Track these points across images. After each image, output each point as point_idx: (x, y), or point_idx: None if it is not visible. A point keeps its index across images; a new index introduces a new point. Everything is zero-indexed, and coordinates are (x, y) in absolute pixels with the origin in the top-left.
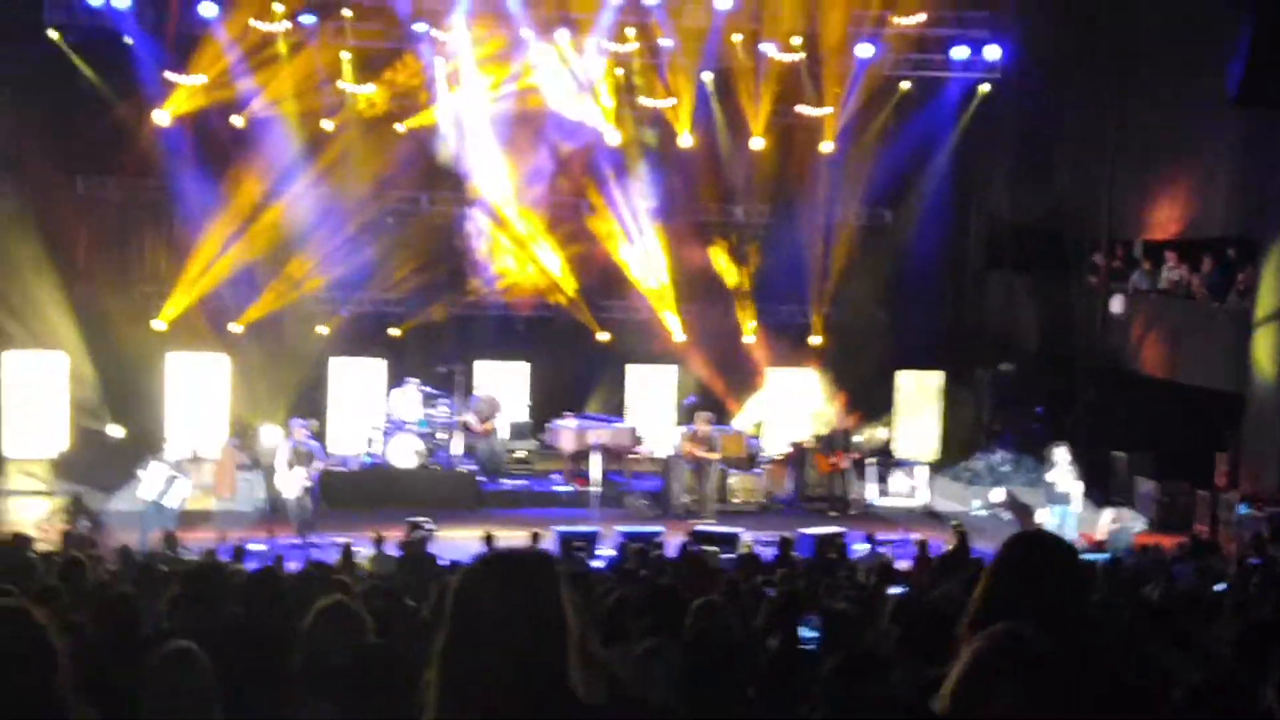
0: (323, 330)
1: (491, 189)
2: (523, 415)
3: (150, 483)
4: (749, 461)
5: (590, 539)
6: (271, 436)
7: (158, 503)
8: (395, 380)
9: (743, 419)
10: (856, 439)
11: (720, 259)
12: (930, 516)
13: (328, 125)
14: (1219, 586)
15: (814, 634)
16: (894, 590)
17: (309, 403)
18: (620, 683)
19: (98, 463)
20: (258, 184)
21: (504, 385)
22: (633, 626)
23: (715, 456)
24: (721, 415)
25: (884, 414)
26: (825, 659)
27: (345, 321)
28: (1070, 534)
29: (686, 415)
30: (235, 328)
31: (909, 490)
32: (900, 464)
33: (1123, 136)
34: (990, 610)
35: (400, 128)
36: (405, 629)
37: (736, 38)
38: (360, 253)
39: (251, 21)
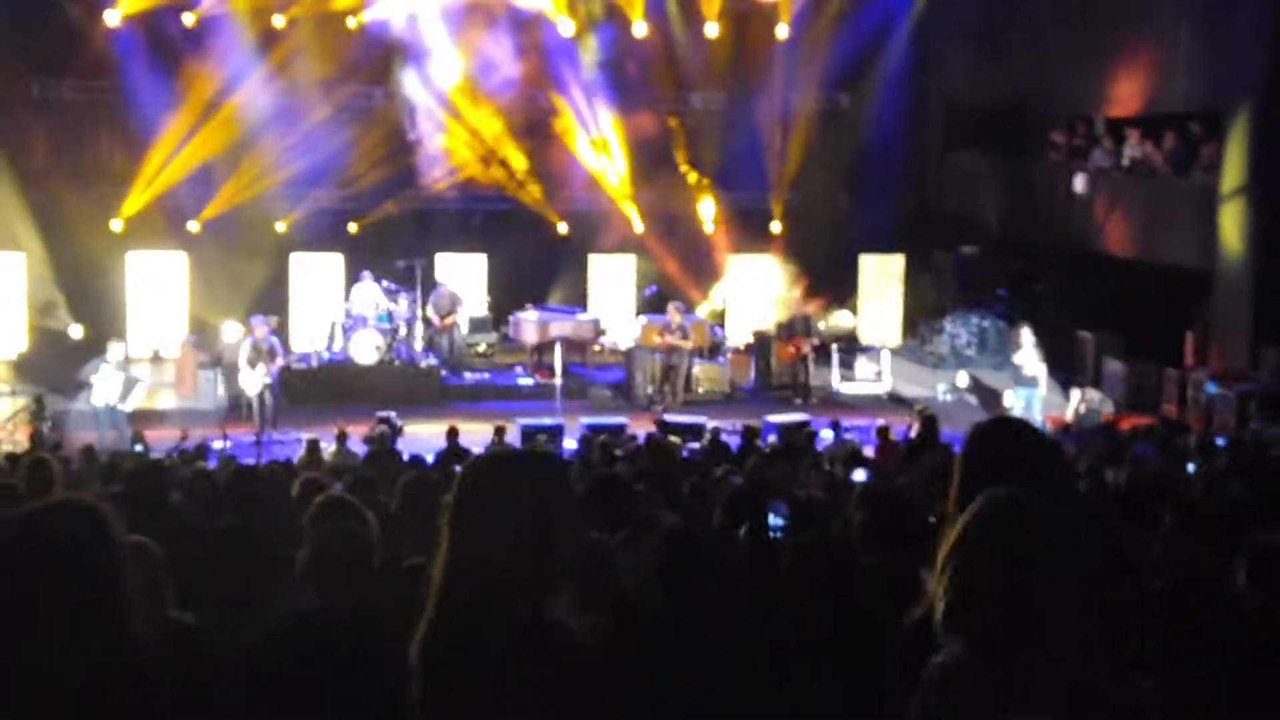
0: (281, 227)
1: (446, 82)
2: (483, 309)
3: (103, 387)
4: (712, 351)
5: (555, 432)
6: (232, 334)
7: (111, 406)
8: (354, 275)
9: (704, 308)
10: (819, 325)
11: (679, 148)
12: (895, 401)
13: (279, 21)
14: (1189, 468)
15: (782, 522)
16: (860, 477)
17: (269, 299)
18: (612, 566)
19: (57, 363)
20: (211, 82)
21: (464, 279)
22: (599, 517)
23: (688, 345)
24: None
25: (846, 299)
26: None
27: (303, 217)
28: (1037, 417)
29: (648, 305)
30: (193, 226)
31: (873, 375)
32: (864, 349)
33: (1083, 10)
34: (969, 498)
35: (352, 22)
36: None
37: None
38: (316, 149)
39: None
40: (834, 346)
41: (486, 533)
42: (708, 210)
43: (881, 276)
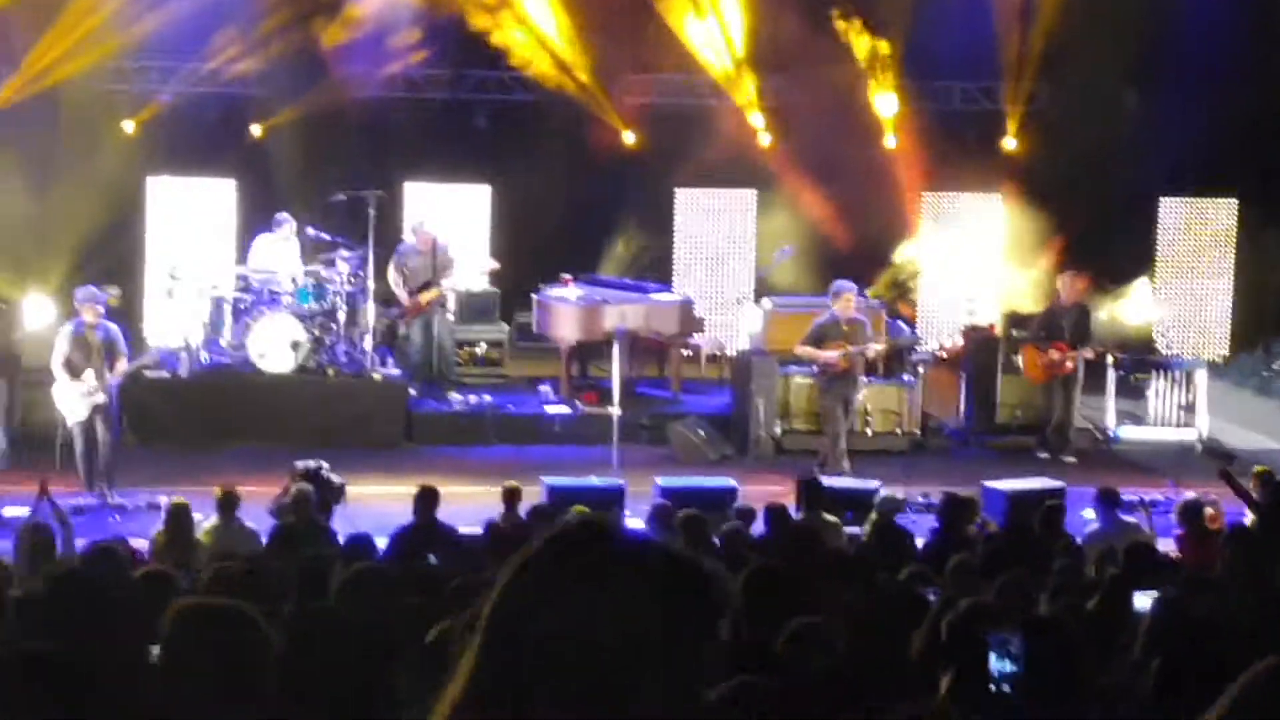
0: (129, 127)
1: None
2: (484, 281)
3: None
4: (892, 362)
5: (609, 500)
6: (39, 315)
7: None
8: (259, 218)
9: (882, 286)
10: (1092, 319)
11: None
12: (1217, 457)
13: None
14: None
15: (1010, 667)
16: (1150, 595)
17: (106, 256)
18: None
19: None
20: None
21: (452, 226)
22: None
23: (871, 355)
24: (840, 275)
25: (1135, 275)
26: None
27: (168, 111)
28: None
29: (775, 278)
30: None
31: (1179, 412)
32: (1165, 365)
33: None
34: None
35: None
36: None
37: None
38: None
39: None
40: (1113, 358)
41: (555, 682)
42: (888, 112)
43: (1199, 235)
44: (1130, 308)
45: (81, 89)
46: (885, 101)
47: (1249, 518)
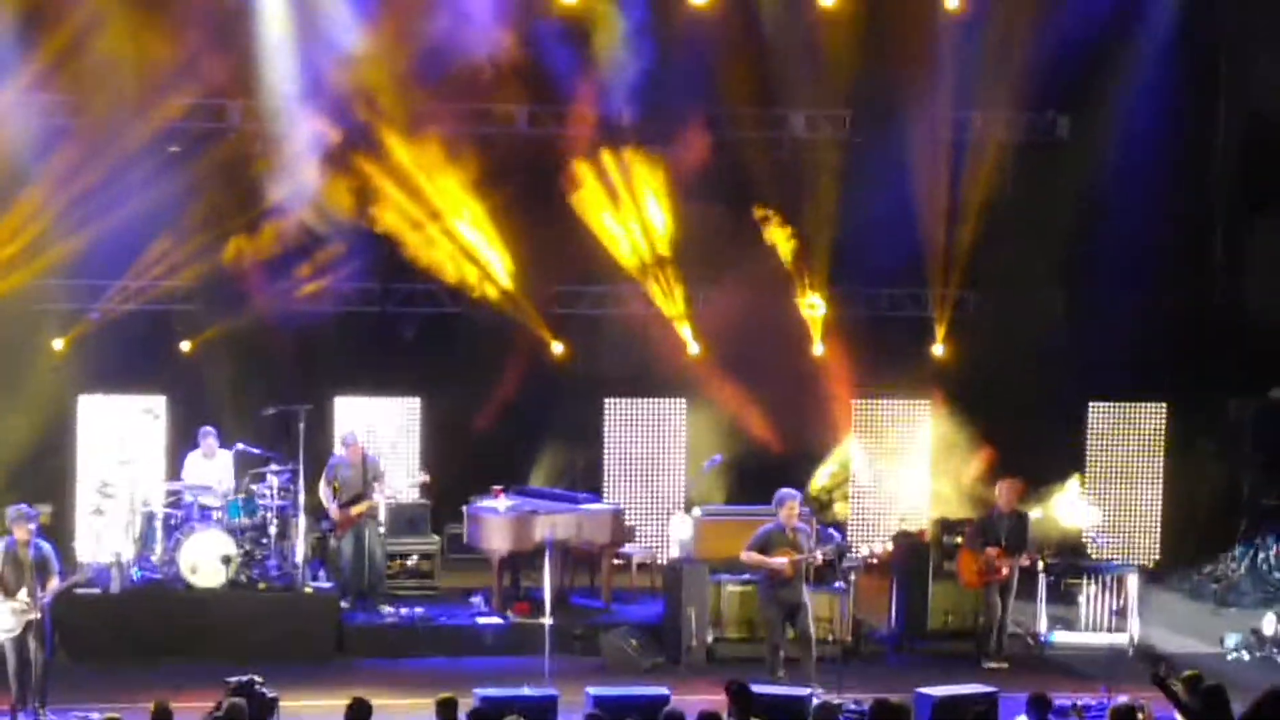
0: (58, 344)
1: (353, 90)
2: (415, 492)
3: None
4: (823, 569)
5: (541, 710)
6: None
7: None
8: (189, 433)
9: (809, 492)
10: (1029, 528)
11: (766, 209)
12: (1149, 661)
13: None
14: None
15: None
16: None
17: (37, 476)
18: None
19: None
20: None
21: (382, 439)
22: None
23: (817, 562)
24: (772, 486)
25: (1065, 480)
26: None
27: (98, 329)
28: None
29: (708, 486)
30: None
31: (1110, 616)
32: (1096, 569)
33: None
34: None
35: None
36: None
37: None
38: (122, 207)
39: None
40: (1044, 565)
41: None
42: (816, 319)
43: (1127, 439)
44: (1062, 510)
45: (9, 308)
46: (813, 308)
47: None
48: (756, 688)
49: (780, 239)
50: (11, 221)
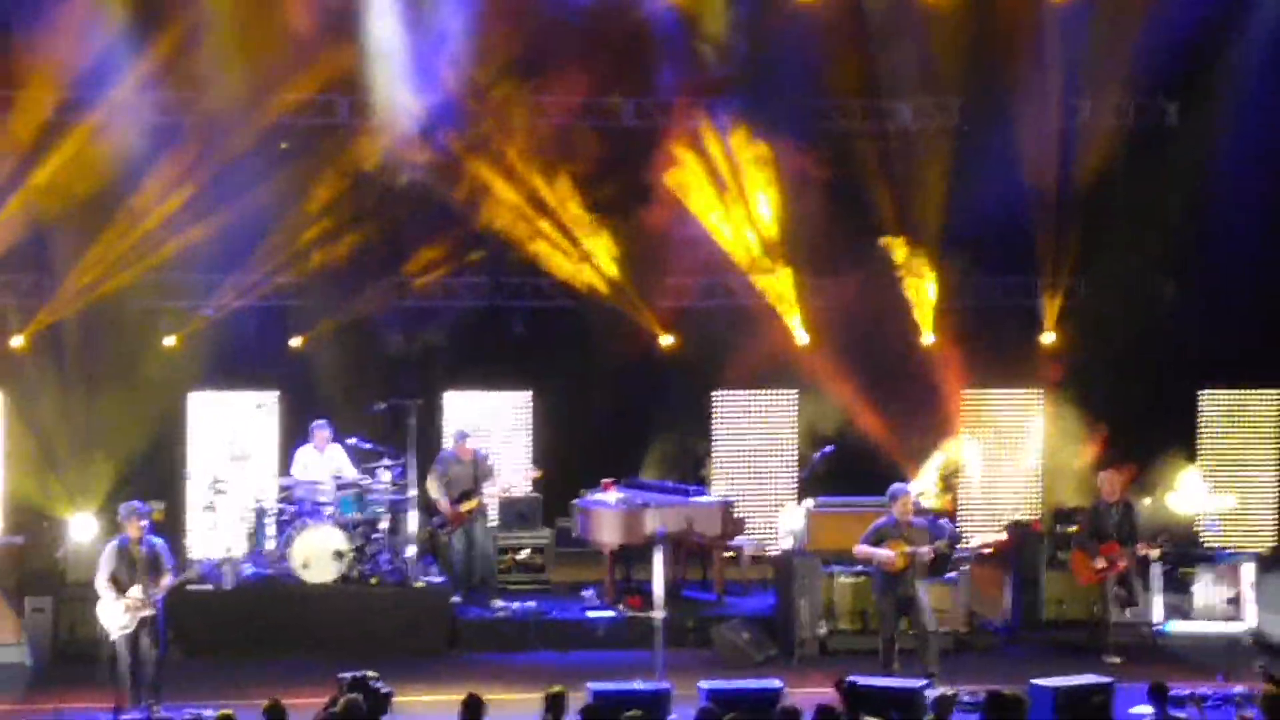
0: (170, 341)
1: (461, 83)
2: (526, 486)
3: None
4: (938, 561)
5: (654, 704)
6: (83, 531)
7: None
8: (300, 428)
9: (920, 482)
10: (1136, 516)
11: (875, 199)
12: (1265, 651)
13: None
14: None
15: None
16: None
17: (150, 473)
18: None
19: None
20: (47, 88)
21: (494, 435)
22: None
23: (928, 557)
24: (883, 478)
25: (1178, 468)
26: None
27: (210, 326)
28: None
29: (818, 477)
30: (16, 341)
31: (1226, 604)
32: (1211, 558)
33: None
34: None
35: None
36: None
37: None
38: (233, 205)
39: None
40: (1159, 554)
41: None
42: (925, 308)
43: (1243, 425)
44: (1182, 498)
45: (122, 306)
46: (922, 297)
47: None
48: (870, 680)
49: (895, 243)
50: (124, 219)
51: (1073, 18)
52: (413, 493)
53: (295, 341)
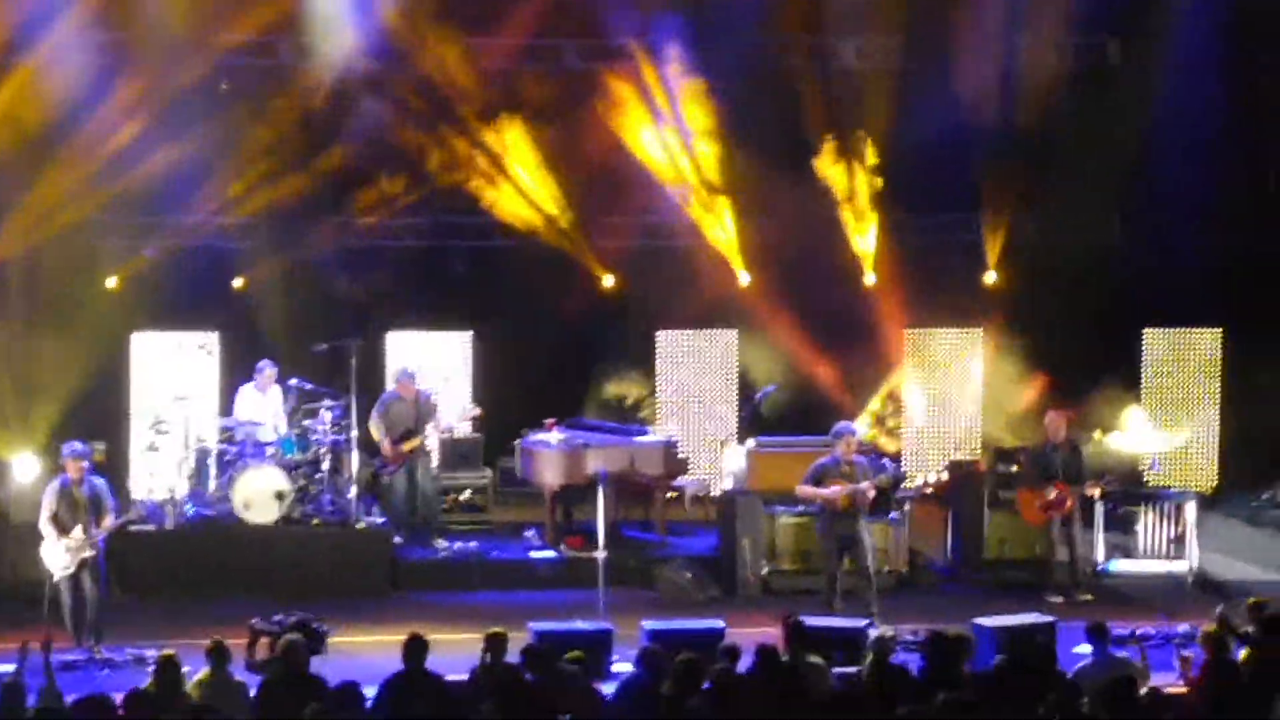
0: (111, 282)
1: (403, 26)
2: (467, 427)
3: None
4: (878, 499)
5: (596, 643)
6: (25, 472)
7: None
8: (242, 369)
9: (861, 423)
10: (1083, 457)
11: (816, 135)
12: (1206, 590)
13: None
14: None
15: None
16: None
17: (91, 413)
18: None
19: None
20: None
21: (434, 374)
22: None
23: (870, 494)
24: (824, 417)
25: (1118, 405)
26: None
27: (151, 266)
28: None
29: (760, 417)
30: None
31: (1168, 544)
32: (1154, 496)
33: None
34: None
35: None
36: None
37: None
38: (173, 145)
39: None
40: (1101, 492)
41: None
42: (866, 247)
43: (1183, 365)
44: (1126, 437)
45: (63, 246)
46: (864, 237)
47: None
48: (813, 620)
49: (831, 168)
50: (66, 160)
51: None
52: (354, 434)
53: (237, 282)
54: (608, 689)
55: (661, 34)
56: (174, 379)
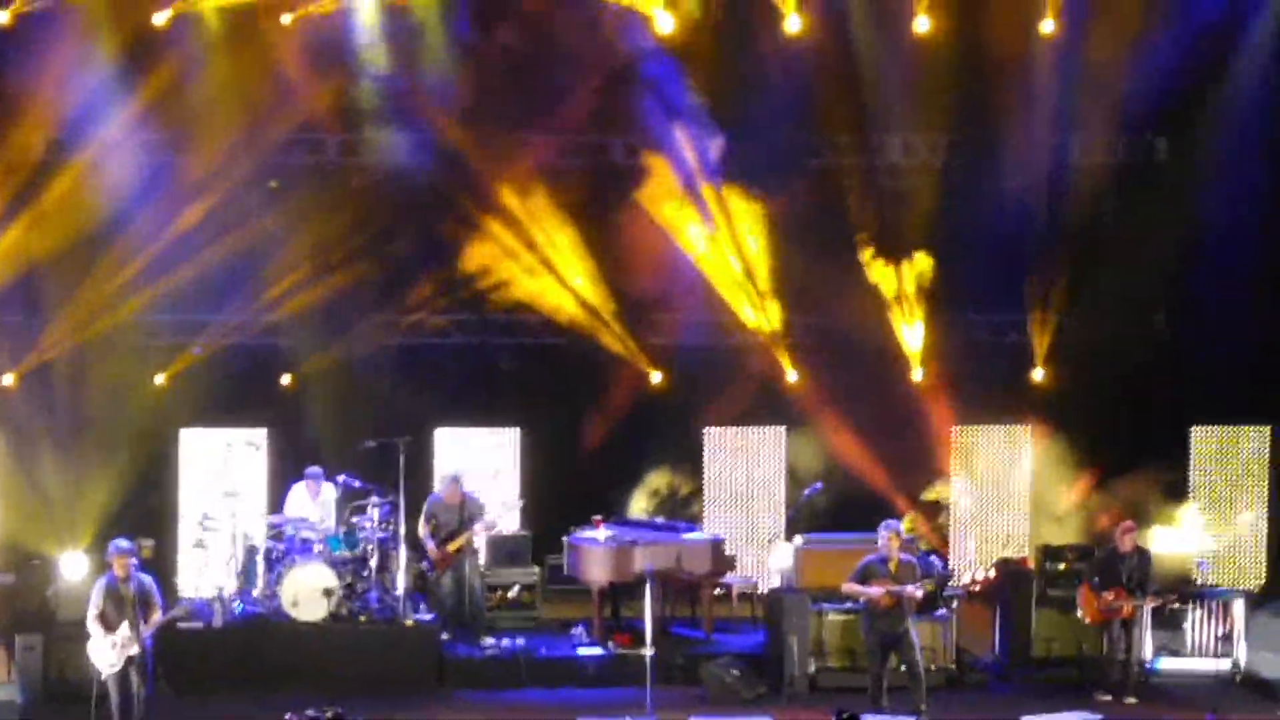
0: (159, 380)
1: (449, 125)
2: (514, 523)
3: None
4: (928, 600)
5: None
6: (73, 569)
7: None
8: (290, 467)
9: (911, 520)
10: (1151, 566)
11: (862, 236)
12: (1254, 689)
13: (160, 20)
14: None
15: None
16: None
17: (140, 510)
18: None
19: None
20: (37, 129)
21: (482, 472)
22: None
23: (917, 596)
24: (872, 514)
25: (1166, 502)
26: None
27: (200, 363)
28: None
29: (807, 514)
30: (5, 380)
31: (1216, 642)
32: (1202, 595)
33: None
34: None
35: (287, 19)
36: None
37: None
38: (222, 244)
39: None
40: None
41: None
42: (914, 343)
43: (1233, 462)
44: (1177, 536)
45: (112, 344)
46: (912, 335)
47: None
48: (864, 717)
49: (879, 266)
50: (114, 258)
51: (1063, 53)
52: (402, 530)
53: (285, 379)
54: None
55: (707, 131)
56: (222, 475)
